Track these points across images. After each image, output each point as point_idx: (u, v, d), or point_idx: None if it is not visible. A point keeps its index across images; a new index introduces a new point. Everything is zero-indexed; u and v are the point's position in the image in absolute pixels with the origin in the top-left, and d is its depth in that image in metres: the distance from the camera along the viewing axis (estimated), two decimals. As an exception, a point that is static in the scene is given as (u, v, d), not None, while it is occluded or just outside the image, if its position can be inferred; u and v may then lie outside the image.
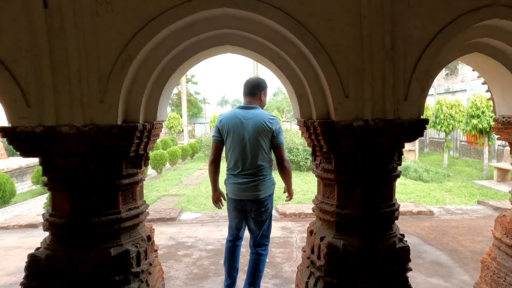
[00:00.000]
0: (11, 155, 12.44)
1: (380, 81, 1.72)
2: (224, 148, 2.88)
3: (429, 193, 8.68)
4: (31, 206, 8.03)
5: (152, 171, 11.78)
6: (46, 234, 1.89)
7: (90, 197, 1.77)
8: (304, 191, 8.84)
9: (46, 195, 7.83)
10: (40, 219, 5.18)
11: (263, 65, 2.09)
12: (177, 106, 30.09)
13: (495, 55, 2.10)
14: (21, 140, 1.66)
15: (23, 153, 1.71)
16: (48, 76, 1.59)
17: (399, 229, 2.03)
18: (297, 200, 7.66)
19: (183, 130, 22.77)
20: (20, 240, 4.78)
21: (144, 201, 2.04)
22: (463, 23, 1.75)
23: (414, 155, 14.80)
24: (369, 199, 1.88)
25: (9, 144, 1.70)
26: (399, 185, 9.11)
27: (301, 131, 2.08)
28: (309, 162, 11.49)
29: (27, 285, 1.75)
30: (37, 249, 1.84)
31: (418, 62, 1.74)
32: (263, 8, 1.66)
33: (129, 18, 1.63)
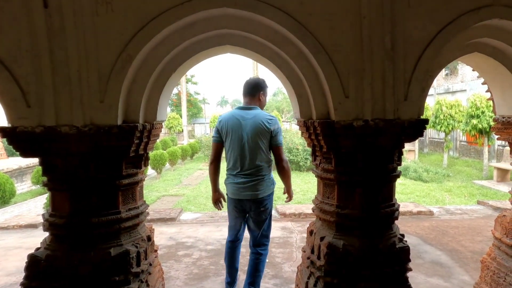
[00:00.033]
0: (11, 155, 12.44)
1: (380, 81, 1.72)
2: (224, 149, 2.89)
3: (429, 193, 8.68)
4: (31, 206, 8.02)
5: (152, 171, 11.79)
6: (46, 234, 1.89)
7: (90, 197, 1.77)
8: (304, 191, 8.84)
9: (46, 195, 7.83)
10: (40, 219, 5.18)
11: (263, 65, 2.09)
12: (177, 106, 30.08)
13: (495, 55, 2.10)
14: (21, 140, 1.66)
15: (23, 153, 1.71)
16: (48, 76, 1.59)
17: (399, 229, 2.03)
18: (297, 200, 7.66)
19: (182, 130, 22.78)
20: (20, 240, 4.78)
21: (144, 201, 2.04)
22: (463, 23, 1.75)
23: (414, 155, 14.80)
24: (369, 199, 1.88)
25: (9, 144, 1.70)
26: (399, 185, 9.11)
27: (301, 131, 2.08)
28: (309, 162, 11.48)
29: (27, 285, 1.75)
30: (37, 249, 1.84)
31: (418, 62, 1.74)
32: (263, 8, 1.66)
33: (129, 18, 1.63)
